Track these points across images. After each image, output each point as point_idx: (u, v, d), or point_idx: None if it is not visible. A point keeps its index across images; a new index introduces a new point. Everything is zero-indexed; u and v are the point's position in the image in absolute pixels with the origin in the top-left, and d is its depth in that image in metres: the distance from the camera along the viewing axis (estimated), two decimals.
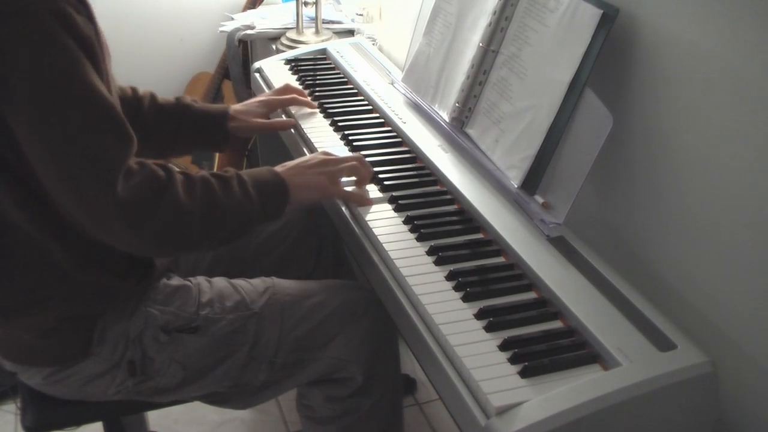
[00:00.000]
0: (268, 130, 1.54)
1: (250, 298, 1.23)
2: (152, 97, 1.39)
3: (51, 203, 1.01)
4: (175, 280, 1.23)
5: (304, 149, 1.45)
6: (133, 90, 1.37)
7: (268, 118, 1.51)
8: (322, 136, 1.47)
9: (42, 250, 1.06)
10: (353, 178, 1.26)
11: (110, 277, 1.12)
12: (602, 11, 1.10)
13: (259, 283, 1.27)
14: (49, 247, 1.06)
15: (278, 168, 1.19)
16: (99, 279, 1.11)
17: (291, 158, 1.26)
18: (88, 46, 0.97)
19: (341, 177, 1.24)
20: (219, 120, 1.43)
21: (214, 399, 1.27)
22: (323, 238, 1.50)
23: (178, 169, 1.08)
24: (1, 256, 1.07)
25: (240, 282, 1.26)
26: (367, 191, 1.27)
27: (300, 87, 1.62)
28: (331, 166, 1.22)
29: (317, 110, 1.56)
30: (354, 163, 1.24)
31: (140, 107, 1.36)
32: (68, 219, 1.02)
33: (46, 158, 0.96)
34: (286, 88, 1.56)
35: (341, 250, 1.56)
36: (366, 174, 1.26)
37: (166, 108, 1.39)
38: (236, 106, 1.48)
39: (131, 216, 0.98)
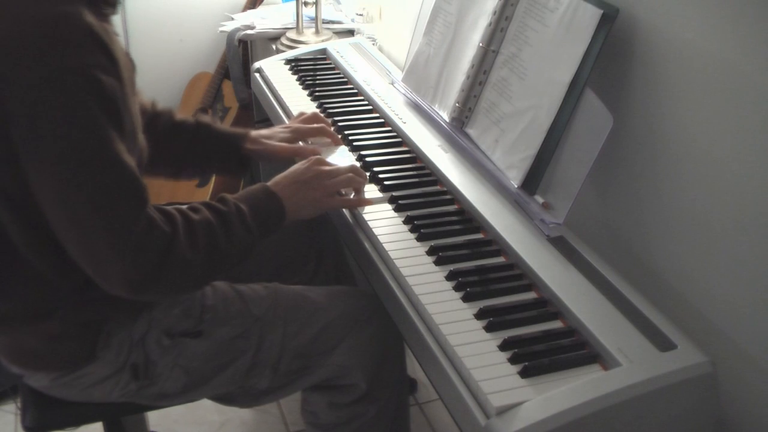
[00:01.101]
0: (291, 156, 1.41)
1: (253, 304, 1.23)
2: (169, 113, 1.37)
3: (54, 241, 1.02)
4: None
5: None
6: (153, 104, 1.36)
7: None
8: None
9: (46, 276, 1.07)
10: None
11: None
12: (602, 11, 1.10)
13: (261, 288, 1.27)
14: (51, 276, 1.07)
15: (273, 185, 1.18)
16: (101, 295, 1.11)
17: (290, 166, 1.25)
18: (113, 109, 0.97)
19: (337, 191, 1.23)
20: (234, 141, 1.39)
21: (219, 398, 1.27)
22: (324, 243, 1.50)
23: (179, 211, 1.07)
24: (6, 276, 1.07)
25: (242, 287, 1.26)
26: (365, 193, 1.26)
27: (325, 117, 1.52)
28: (326, 179, 1.21)
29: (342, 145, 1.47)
30: (349, 175, 1.23)
31: (156, 122, 1.34)
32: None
33: (59, 218, 0.98)
34: (315, 117, 1.48)
35: (342, 255, 1.55)
36: (362, 183, 1.26)
37: (183, 125, 1.37)
38: (260, 131, 1.43)
39: (136, 286, 1.00)
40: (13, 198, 1.00)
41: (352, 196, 1.25)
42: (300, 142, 1.44)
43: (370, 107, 1.58)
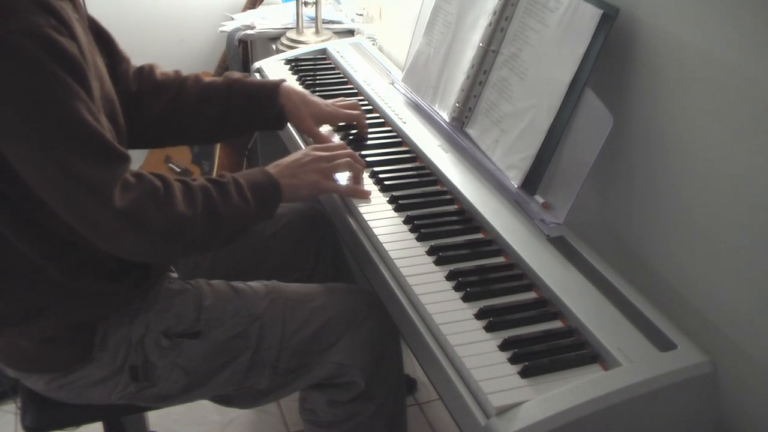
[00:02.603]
0: (336, 119, 1.44)
1: (252, 302, 1.23)
2: (196, 78, 1.36)
3: (41, 222, 1.03)
4: (176, 285, 1.23)
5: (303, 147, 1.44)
6: (176, 72, 1.36)
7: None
8: None
9: (35, 265, 1.07)
10: (348, 174, 1.27)
11: (105, 283, 1.12)
12: (602, 11, 1.10)
13: (260, 286, 1.27)
14: (41, 262, 1.07)
15: (271, 168, 1.19)
16: (94, 286, 1.11)
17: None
18: (75, 67, 0.97)
19: (335, 173, 1.24)
20: (268, 95, 1.37)
21: (219, 399, 1.27)
22: (322, 240, 1.50)
23: (177, 178, 1.08)
24: None
25: (241, 285, 1.26)
26: (362, 182, 1.28)
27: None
28: (323, 162, 1.22)
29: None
30: (347, 159, 1.25)
31: (183, 89, 1.34)
32: (64, 236, 1.04)
33: (41, 183, 0.98)
34: (354, 105, 1.47)
35: (340, 252, 1.55)
36: (360, 168, 1.27)
37: (212, 86, 1.35)
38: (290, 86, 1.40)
39: (133, 224, 1.00)
40: None
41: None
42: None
43: (370, 107, 1.58)
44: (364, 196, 1.26)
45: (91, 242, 1.02)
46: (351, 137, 1.45)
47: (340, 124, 1.48)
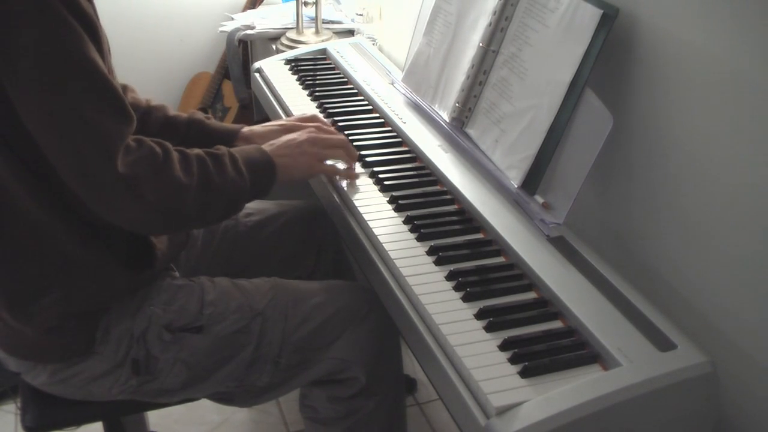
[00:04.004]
0: None
1: (254, 298, 1.23)
2: (163, 109, 1.37)
3: (53, 178, 1.03)
4: (179, 280, 1.24)
5: None
6: (147, 101, 1.37)
7: None
8: None
9: (43, 228, 1.07)
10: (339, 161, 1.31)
11: (111, 259, 1.12)
12: (602, 11, 1.10)
13: (262, 283, 1.27)
14: (50, 223, 1.07)
15: (266, 146, 1.21)
16: (100, 260, 1.11)
17: None
18: (90, 24, 0.99)
19: (329, 157, 1.28)
20: (227, 138, 1.36)
21: (219, 397, 1.27)
22: (323, 237, 1.50)
23: (175, 147, 1.09)
24: (1, 238, 1.07)
25: (243, 282, 1.26)
26: (353, 167, 1.32)
27: (326, 120, 1.49)
28: (318, 146, 1.25)
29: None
30: (341, 150, 1.28)
31: (149, 118, 1.35)
32: (70, 195, 1.03)
33: (48, 132, 0.98)
34: (313, 118, 1.43)
35: (341, 250, 1.56)
36: (353, 157, 1.30)
37: (175, 121, 1.37)
38: (254, 127, 1.40)
39: (131, 189, 1.00)
40: (5, 135, 1.01)
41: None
42: None
43: (370, 107, 1.58)
44: (355, 177, 1.30)
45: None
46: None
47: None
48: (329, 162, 1.29)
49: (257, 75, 1.81)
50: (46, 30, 0.95)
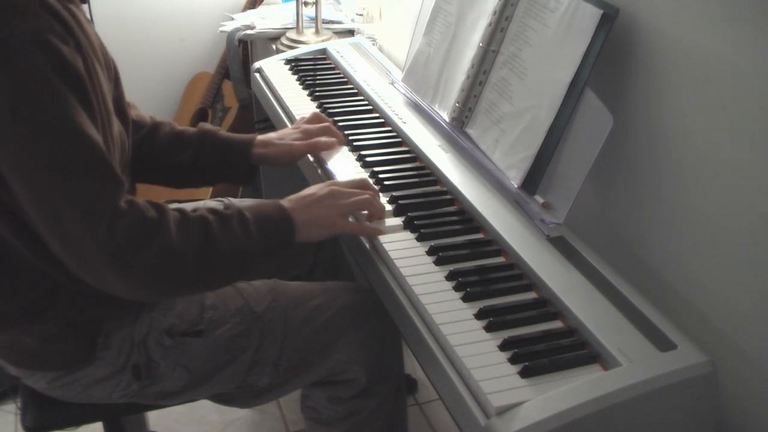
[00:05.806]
0: (308, 152, 1.38)
1: (254, 301, 1.23)
2: (170, 124, 1.34)
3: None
4: None
5: (309, 156, 1.43)
6: (152, 118, 1.34)
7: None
8: None
9: (39, 269, 1.05)
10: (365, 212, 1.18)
11: None
12: (602, 11, 1.10)
13: (261, 285, 1.27)
14: (45, 267, 1.05)
15: (284, 201, 1.13)
16: (97, 290, 1.10)
17: (291, 172, 1.23)
18: (76, 80, 0.94)
19: (352, 212, 1.17)
20: (242, 148, 1.33)
21: (219, 398, 1.27)
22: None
23: (175, 207, 1.05)
24: (1, 272, 1.06)
25: (242, 284, 1.26)
26: (382, 223, 1.18)
27: (327, 118, 1.47)
28: (341, 199, 1.14)
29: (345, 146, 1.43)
30: (366, 197, 1.16)
31: (156, 134, 1.32)
32: None
33: (29, 198, 0.94)
34: (317, 117, 1.43)
35: (339, 250, 1.56)
36: (379, 209, 1.17)
37: (185, 135, 1.33)
38: (268, 135, 1.37)
39: (115, 259, 0.95)
40: None
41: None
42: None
43: (370, 107, 1.58)
44: (379, 233, 1.16)
45: None
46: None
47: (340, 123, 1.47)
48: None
49: (257, 75, 1.81)
50: (26, 89, 0.90)
